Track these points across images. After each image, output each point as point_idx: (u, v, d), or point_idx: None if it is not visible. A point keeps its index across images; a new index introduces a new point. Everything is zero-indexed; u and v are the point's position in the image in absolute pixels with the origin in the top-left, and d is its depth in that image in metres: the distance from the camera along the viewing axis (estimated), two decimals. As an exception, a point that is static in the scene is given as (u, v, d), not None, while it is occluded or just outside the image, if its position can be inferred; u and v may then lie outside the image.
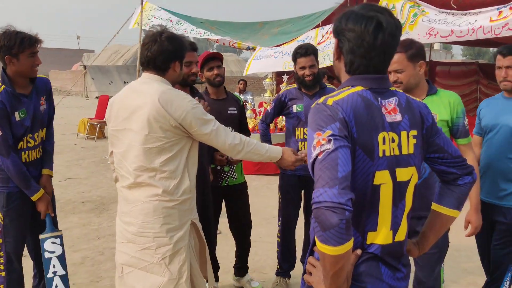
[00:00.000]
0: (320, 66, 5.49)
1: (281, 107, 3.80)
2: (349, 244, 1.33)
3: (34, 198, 2.95)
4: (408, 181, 1.55)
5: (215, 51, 3.67)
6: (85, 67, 29.01)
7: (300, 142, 3.71)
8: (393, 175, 1.50)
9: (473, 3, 6.58)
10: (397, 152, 1.51)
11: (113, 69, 31.43)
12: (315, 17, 9.83)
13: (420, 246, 1.75)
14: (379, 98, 1.51)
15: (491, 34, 5.71)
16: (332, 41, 7.64)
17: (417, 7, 6.53)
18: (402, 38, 6.29)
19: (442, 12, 6.30)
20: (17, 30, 2.87)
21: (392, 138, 1.50)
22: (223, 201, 3.73)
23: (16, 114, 2.87)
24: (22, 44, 2.81)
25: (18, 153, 2.91)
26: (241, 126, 3.69)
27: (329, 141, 1.38)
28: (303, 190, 3.87)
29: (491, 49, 13.11)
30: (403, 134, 1.52)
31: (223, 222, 3.95)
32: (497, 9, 5.78)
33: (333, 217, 1.28)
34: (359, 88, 1.51)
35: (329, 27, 7.80)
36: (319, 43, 7.91)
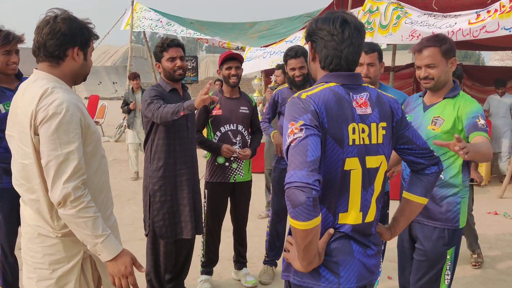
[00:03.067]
0: None
1: (275, 106, 3.95)
2: (317, 220, 1.48)
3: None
4: (378, 168, 1.71)
5: (236, 52, 3.80)
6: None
7: None
8: (363, 162, 1.66)
9: (453, 5, 6.83)
10: (367, 142, 1.67)
11: (102, 69, 31.33)
12: (304, 18, 10.04)
13: (392, 230, 1.92)
14: (350, 93, 1.68)
15: (469, 36, 5.95)
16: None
17: (400, 9, 6.74)
18: (386, 40, 6.52)
19: (424, 14, 6.51)
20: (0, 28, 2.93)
21: (363, 129, 1.66)
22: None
23: (1, 106, 2.97)
24: None
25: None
26: (252, 126, 3.85)
27: (301, 130, 1.54)
28: None
29: (477, 52, 13.44)
30: (373, 125, 1.69)
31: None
32: (476, 12, 6.01)
33: (302, 195, 1.44)
34: (332, 84, 1.68)
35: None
36: (305, 44, 8.11)
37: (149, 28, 9.59)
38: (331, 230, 1.67)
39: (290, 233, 1.75)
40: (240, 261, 3.98)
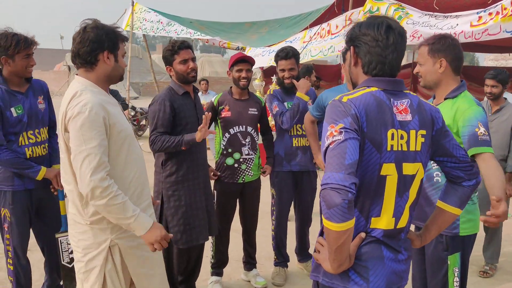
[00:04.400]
0: (301, 61, 5.82)
1: (282, 104, 3.92)
2: (351, 223, 1.50)
3: (39, 177, 3.05)
4: (414, 175, 1.72)
5: (247, 54, 3.81)
6: (69, 68, 28.71)
7: (294, 138, 3.90)
8: (399, 169, 1.67)
9: (454, 5, 6.88)
10: (405, 148, 1.68)
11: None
12: (302, 18, 10.04)
13: (422, 238, 1.94)
14: (391, 99, 1.70)
15: (471, 38, 5.98)
16: (317, 40, 7.86)
17: (401, 9, 6.77)
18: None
19: (425, 15, 6.54)
20: (14, 32, 2.98)
21: (401, 135, 1.67)
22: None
23: (13, 110, 3.00)
24: (17, 46, 2.93)
25: (22, 149, 3.03)
26: (261, 127, 3.85)
27: (340, 132, 1.56)
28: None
29: (471, 52, 13.52)
30: (412, 132, 1.70)
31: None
32: (477, 13, 6.05)
33: (337, 197, 1.46)
34: (373, 89, 1.70)
35: (317, 28, 8.00)
36: (304, 42, 8.13)
37: (151, 31, 9.55)
38: (363, 234, 1.69)
39: (321, 234, 1.78)
40: (250, 262, 4.00)
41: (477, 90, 10.66)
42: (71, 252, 3.08)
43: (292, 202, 4.12)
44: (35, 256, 3.34)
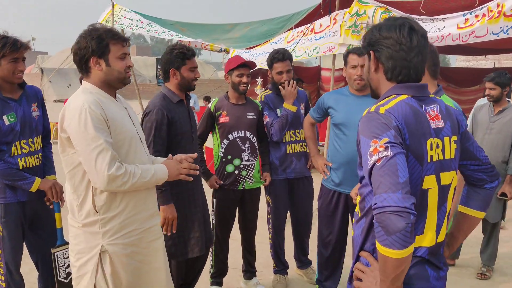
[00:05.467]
0: None
1: (274, 113, 3.84)
2: (412, 247, 1.39)
3: (33, 188, 2.89)
4: (450, 184, 1.65)
5: (233, 56, 3.71)
6: (42, 70, 28.07)
7: (288, 145, 3.82)
8: (439, 180, 1.59)
9: (440, 8, 6.95)
10: (441, 157, 1.60)
11: (71, 71, 30.52)
12: (285, 19, 10.01)
13: (450, 247, 1.87)
14: (423, 106, 1.61)
15: (459, 41, 6.04)
16: (301, 39, 7.81)
17: (388, 12, 6.78)
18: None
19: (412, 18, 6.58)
20: (4, 35, 2.82)
21: (437, 143, 1.59)
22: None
23: (5, 118, 2.83)
24: (3, 49, 2.76)
25: (14, 159, 2.87)
26: (259, 132, 3.74)
27: (387, 148, 1.44)
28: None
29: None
30: (446, 139, 1.63)
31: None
32: (463, 15, 6.11)
33: (400, 221, 1.34)
34: (404, 97, 1.60)
35: (302, 28, 7.96)
36: (288, 42, 8.09)
37: (129, 28, 9.34)
38: None
39: (357, 259, 1.66)
40: (249, 270, 3.91)
41: (455, 91, 10.85)
42: (68, 267, 2.95)
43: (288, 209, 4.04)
44: (23, 269, 3.16)
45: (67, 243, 2.99)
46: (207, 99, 12.69)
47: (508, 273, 4.36)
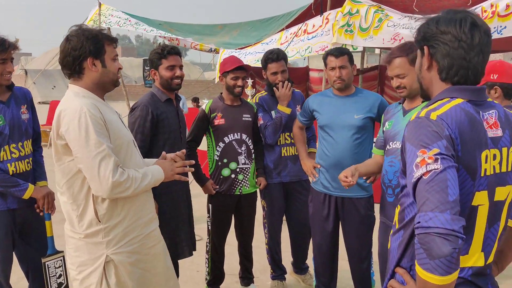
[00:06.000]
0: None
1: (268, 115, 3.74)
2: (456, 273, 1.25)
3: (26, 196, 2.75)
4: (505, 200, 1.49)
5: (242, 61, 3.60)
6: (26, 72, 27.59)
7: (283, 148, 3.71)
8: (492, 195, 1.42)
9: (432, 7, 6.93)
10: (497, 170, 1.43)
11: (56, 73, 30.10)
12: (274, 20, 9.95)
13: (499, 266, 1.72)
14: (480, 112, 1.44)
15: (453, 39, 6.03)
16: (294, 41, 7.73)
17: (381, 11, 6.75)
18: (366, 43, 6.56)
19: (405, 17, 6.54)
20: None
21: (494, 155, 1.42)
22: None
23: None
24: None
25: (3, 164, 2.72)
26: (254, 135, 3.63)
27: (436, 160, 1.29)
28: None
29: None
30: (504, 150, 1.45)
31: (202, 228, 3.83)
32: (457, 15, 6.10)
33: (446, 245, 1.21)
34: (459, 101, 1.43)
35: (295, 28, 7.89)
36: (281, 44, 8.01)
37: (116, 25, 9.22)
38: None
39: (393, 275, 1.52)
40: (247, 276, 3.80)
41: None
42: (59, 277, 2.81)
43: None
44: (11, 278, 3.00)
45: (59, 252, 2.86)
46: (196, 100, 12.55)
47: (508, 275, 4.31)
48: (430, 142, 1.33)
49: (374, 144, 2.91)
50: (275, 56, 3.63)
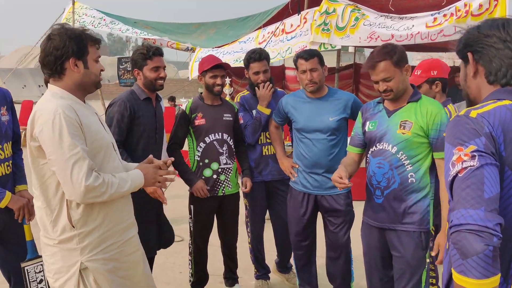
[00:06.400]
0: None
1: (250, 113, 3.73)
2: (495, 280, 1.15)
3: (2, 204, 2.65)
4: None
5: (220, 59, 3.56)
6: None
7: (263, 147, 3.71)
8: None
9: (408, 7, 7.04)
10: None
11: (26, 72, 29.36)
12: (251, 20, 9.92)
13: None
14: None
15: (427, 39, 6.15)
16: (272, 40, 7.73)
17: (357, 11, 6.81)
18: (343, 41, 6.59)
19: (381, 16, 6.63)
20: None
21: None
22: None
23: None
24: None
25: None
26: (235, 134, 3.59)
27: (473, 157, 1.25)
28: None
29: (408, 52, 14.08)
30: None
31: (183, 228, 3.78)
32: (431, 15, 6.21)
33: (478, 242, 1.14)
34: (507, 102, 1.37)
35: (273, 27, 7.89)
36: (259, 43, 8.00)
37: (91, 25, 9.02)
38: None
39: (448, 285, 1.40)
40: (231, 277, 3.77)
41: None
42: (40, 282, 2.74)
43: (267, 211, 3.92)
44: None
45: (39, 257, 2.78)
46: (172, 99, 12.44)
47: None
48: (467, 139, 1.29)
49: (349, 141, 2.89)
50: (258, 55, 3.62)
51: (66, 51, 1.99)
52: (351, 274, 3.40)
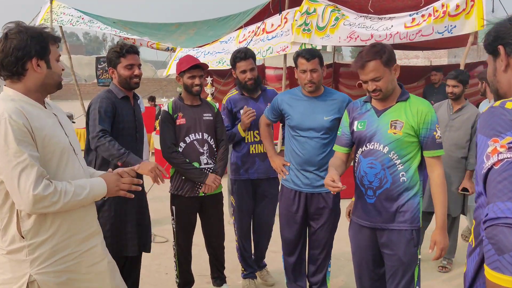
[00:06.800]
0: None
1: (232, 115, 3.76)
2: None
3: None
4: None
5: (198, 59, 3.55)
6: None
7: (251, 145, 3.74)
8: None
9: (387, 8, 7.13)
10: None
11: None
12: (231, 19, 9.90)
13: None
14: None
15: (406, 39, 6.25)
16: (253, 39, 7.74)
17: (337, 11, 6.87)
18: (323, 41, 6.59)
19: (361, 16, 6.70)
20: None
21: None
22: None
23: None
24: None
25: None
26: (217, 134, 3.58)
27: (510, 149, 1.18)
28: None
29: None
30: None
31: (168, 229, 3.78)
32: (410, 15, 6.31)
33: None
34: None
35: (253, 27, 7.89)
36: (240, 42, 8.00)
37: (69, 23, 8.87)
38: None
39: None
40: (219, 276, 3.78)
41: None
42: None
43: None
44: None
45: None
46: (152, 99, 12.33)
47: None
48: (503, 130, 1.22)
49: (336, 141, 2.88)
50: (243, 54, 3.65)
51: (28, 51, 1.89)
52: (328, 269, 3.45)
